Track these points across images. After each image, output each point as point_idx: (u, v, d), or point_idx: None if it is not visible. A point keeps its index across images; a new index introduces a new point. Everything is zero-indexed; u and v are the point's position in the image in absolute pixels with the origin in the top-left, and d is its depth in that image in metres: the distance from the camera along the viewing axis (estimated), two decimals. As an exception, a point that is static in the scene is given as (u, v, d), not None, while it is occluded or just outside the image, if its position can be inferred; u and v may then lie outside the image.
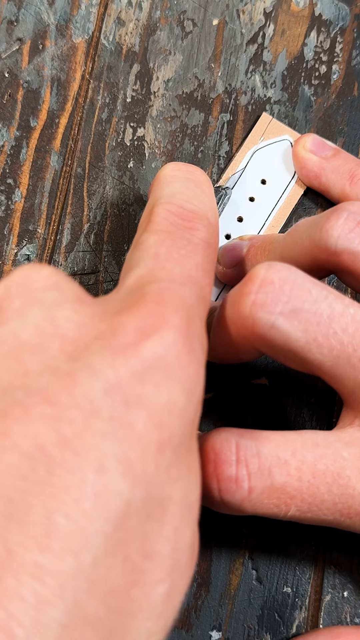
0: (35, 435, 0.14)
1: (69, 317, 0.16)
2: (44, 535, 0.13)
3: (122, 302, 0.17)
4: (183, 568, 0.16)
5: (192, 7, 0.31)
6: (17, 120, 0.29)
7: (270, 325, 0.19)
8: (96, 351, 0.15)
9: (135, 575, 0.15)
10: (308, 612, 0.25)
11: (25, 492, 0.13)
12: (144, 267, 0.19)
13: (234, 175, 0.29)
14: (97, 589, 0.14)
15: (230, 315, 0.21)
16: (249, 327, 0.20)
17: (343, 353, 0.19)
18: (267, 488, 0.19)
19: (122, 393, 0.15)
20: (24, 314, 0.17)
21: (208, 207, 0.21)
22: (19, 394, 0.15)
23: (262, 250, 0.25)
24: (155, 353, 0.16)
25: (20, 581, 0.13)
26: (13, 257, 0.27)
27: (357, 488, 0.20)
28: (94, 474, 0.14)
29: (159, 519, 0.15)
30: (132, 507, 0.15)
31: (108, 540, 0.14)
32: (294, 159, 0.29)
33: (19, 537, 0.13)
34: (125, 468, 0.14)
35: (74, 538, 0.13)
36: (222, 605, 0.25)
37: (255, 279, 0.20)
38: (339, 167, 0.27)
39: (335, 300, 0.20)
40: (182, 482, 0.16)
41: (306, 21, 0.31)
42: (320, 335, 0.19)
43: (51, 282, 0.18)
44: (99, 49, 0.30)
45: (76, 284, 0.18)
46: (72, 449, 0.14)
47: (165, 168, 0.23)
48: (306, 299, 0.19)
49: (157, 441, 0.15)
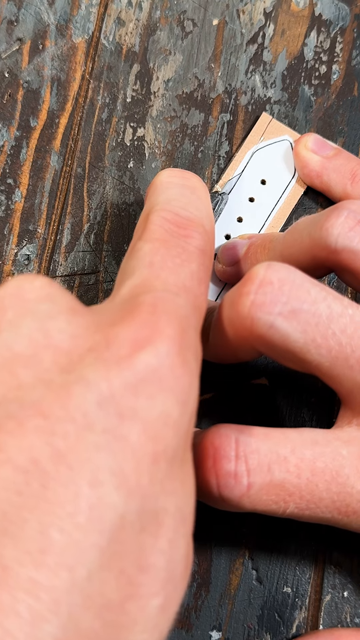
0: (29, 449, 0.14)
1: (63, 329, 0.16)
2: (38, 551, 0.13)
3: (116, 313, 0.17)
4: (177, 580, 0.16)
5: (192, 7, 0.31)
6: (17, 120, 0.29)
7: (269, 326, 0.19)
8: (90, 363, 0.15)
9: (130, 588, 0.15)
10: (308, 612, 0.25)
11: (20, 506, 0.13)
12: (139, 276, 0.19)
13: (231, 180, 0.29)
14: (92, 603, 0.14)
15: (229, 315, 0.21)
16: (247, 328, 0.20)
17: (341, 354, 0.19)
18: (266, 484, 0.19)
19: (115, 405, 0.15)
20: (17, 325, 0.17)
21: (204, 214, 0.21)
22: (12, 407, 0.15)
23: (261, 248, 0.25)
24: (149, 365, 0.15)
25: (15, 597, 0.13)
26: (13, 257, 0.27)
27: (356, 487, 0.20)
28: (88, 488, 0.14)
29: (153, 532, 0.15)
30: (126, 520, 0.14)
31: (103, 554, 0.14)
32: (295, 158, 0.29)
33: (14, 552, 0.13)
34: (119, 481, 0.14)
35: (69, 552, 0.13)
36: (222, 605, 0.25)
37: (254, 279, 0.20)
38: (341, 167, 0.27)
39: (334, 301, 0.20)
40: (177, 494, 0.16)
41: (306, 21, 0.31)
42: (318, 336, 0.19)
43: (44, 293, 0.17)
44: (99, 49, 0.30)
45: (70, 294, 0.18)
46: (66, 462, 0.14)
47: (161, 174, 0.23)
48: (305, 299, 0.19)
49: (151, 453, 0.15)
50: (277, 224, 0.29)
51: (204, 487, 0.20)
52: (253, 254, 0.25)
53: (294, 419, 0.26)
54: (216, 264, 0.27)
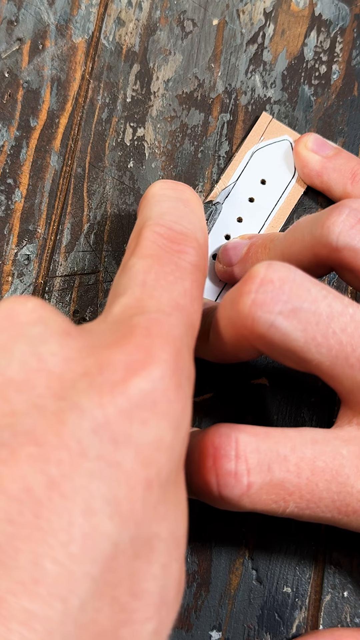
0: (22, 478, 0.14)
1: (55, 352, 0.16)
2: (31, 581, 0.13)
3: (109, 335, 0.17)
4: (170, 604, 0.16)
5: (192, 7, 0.31)
6: (17, 120, 0.29)
7: (270, 325, 0.19)
8: (83, 389, 0.15)
9: (123, 615, 0.15)
10: (308, 612, 0.25)
11: (13, 536, 0.13)
12: (131, 295, 0.18)
13: (225, 189, 0.29)
14: (85, 632, 0.14)
15: (229, 314, 0.21)
16: (248, 326, 0.20)
17: (341, 353, 0.19)
18: (266, 484, 0.19)
19: (110, 432, 0.15)
20: (10, 349, 0.16)
21: (197, 228, 0.21)
22: (5, 435, 0.14)
23: (262, 248, 0.25)
24: (143, 390, 0.15)
25: (9, 628, 0.12)
26: (13, 257, 0.27)
27: (356, 486, 0.20)
28: (82, 516, 0.14)
29: (146, 558, 0.15)
30: (119, 548, 0.14)
31: (96, 583, 0.14)
32: (295, 158, 0.29)
33: (7, 583, 0.13)
34: (112, 509, 0.14)
35: (62, 582, 0.13)
36: (222, 605, 0.25)
37: (254, 278, 0.20)
38: (341, 166, 0.27)
39: (334, 300, 0.20)
40: (169, 519, 0.16)
41: (306, 21, 0.31)
42: (319, 334, 0.19)
43: (36, 316, 0.17)
44: (99, 49, 0.30)
45: (62, 316, 0.18)
46: (59, 491, 0.14)
47: (154, 186, 0.23)
48: (305, 298, 0.19)
49: (144, 479, 0.15)
50: (277, 224, 0.29)
51: (203, 486, 0.20)
52: (254, 253, 0.25)
53: (294, 419, 0.26)
54: (217, 264, 0.27)
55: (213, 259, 0.28)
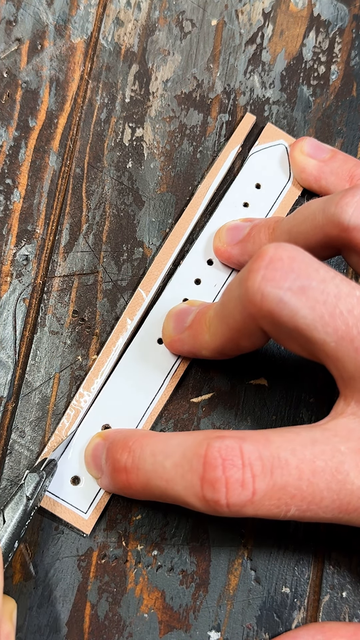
0: None
1: None
2: None
3: None
4: None
5: (190, 8, 0.31)
6: (15, 121, 0.29)
7: (279, 300, 0.20)
8: None
9: None
10: (307, 612, 0.25)
11: None
12: None
13: (65, 440, 0.25)
14: None
15: (237, 293, 0.21)
16: (257, 303, 0.20)
17: (347, 334, 0.20)
18: (270, 489, 0.20)
19: None
20: None
21: None
22: None
23: (266, 228, 0.25)
24: None
25: None
26: (12, 258, 0.27)
27: (356, 483, 0.20)
28: None
29: None
30: None
31: None
32: (292, 163, 0.29)
33: None
34: None
35: None
36: (221, 605, 0.25)
37: (264, 256, 0.20)
38: (338, 169, 0.28)
39: (342, 282, 0.20)
40: None
41: (305, 21, 0.31)
42: (326, 313, 0.20)
43: None
44: (97, 49, 0.30)
45: None
46: None
47: None
48: (314, 277, 0.20)
49: None
50: (276, 225, 0.29)
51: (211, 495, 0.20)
52: (256, 233, 0.25)
53: (293, 419, 0.26)
54: (216, 242, 0.27)
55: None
